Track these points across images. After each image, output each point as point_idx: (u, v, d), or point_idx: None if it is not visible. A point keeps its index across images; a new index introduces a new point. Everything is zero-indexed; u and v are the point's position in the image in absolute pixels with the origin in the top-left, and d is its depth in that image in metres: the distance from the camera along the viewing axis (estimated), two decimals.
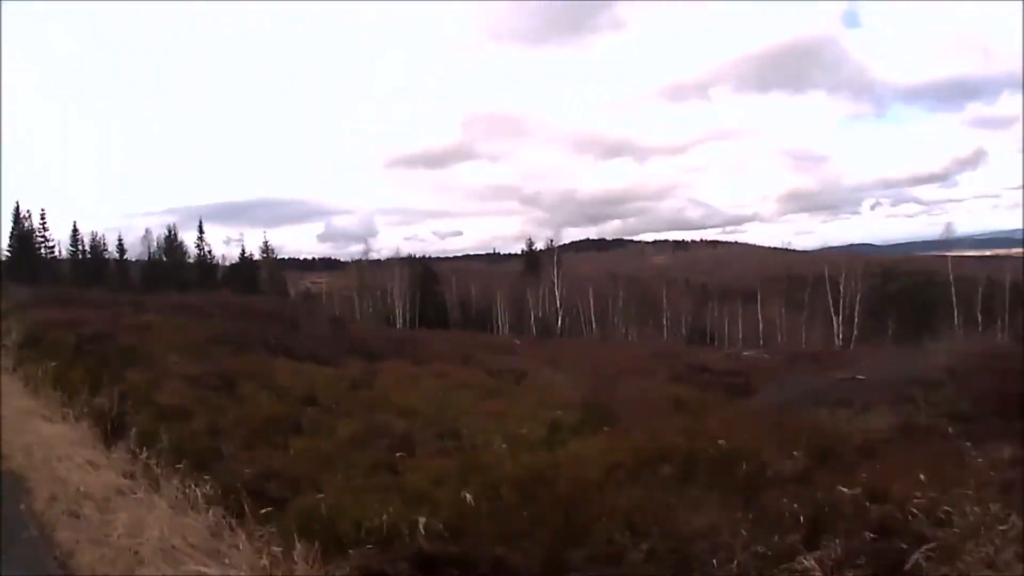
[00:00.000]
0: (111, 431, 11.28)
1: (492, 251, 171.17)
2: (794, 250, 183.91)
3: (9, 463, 9.94)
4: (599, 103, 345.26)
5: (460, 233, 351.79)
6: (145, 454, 9.56)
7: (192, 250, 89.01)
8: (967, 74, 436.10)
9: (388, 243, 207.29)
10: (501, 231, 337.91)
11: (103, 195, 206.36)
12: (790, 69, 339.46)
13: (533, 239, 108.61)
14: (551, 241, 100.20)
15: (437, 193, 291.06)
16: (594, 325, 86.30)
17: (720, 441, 8.95)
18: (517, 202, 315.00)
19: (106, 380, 13.33)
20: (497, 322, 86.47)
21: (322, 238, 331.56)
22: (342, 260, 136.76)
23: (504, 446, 9.94)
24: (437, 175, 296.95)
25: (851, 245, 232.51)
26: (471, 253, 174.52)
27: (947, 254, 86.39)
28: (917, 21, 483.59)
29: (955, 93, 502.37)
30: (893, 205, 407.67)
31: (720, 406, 16.23)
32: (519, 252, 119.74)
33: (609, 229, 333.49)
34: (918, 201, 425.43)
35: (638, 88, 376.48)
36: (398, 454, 9.53)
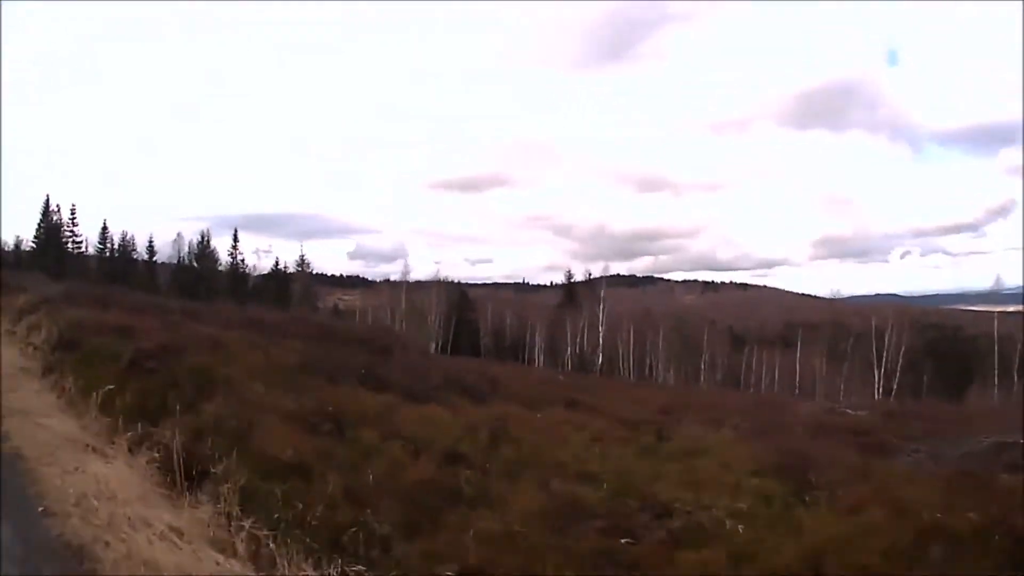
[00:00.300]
0: (185, 478, 8.46)
1: (522, 280, 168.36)
2: (823, 297, 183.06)
3: (63, 524, 6.82)
4: (637, 135, 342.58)
5: (490, 260, 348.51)
6: (249, 521, 6.96)
7: (224, 258, 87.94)
8: (1004, 119, 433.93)
9: (417, 266, 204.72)
10: (531, 261, 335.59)
11: (133, 196, 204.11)
12: (831, 107, 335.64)
13: (572, 271, 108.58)
14: (590, 274, 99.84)
15: (470, 218, 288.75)
16: (632, 364, 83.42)
17: (970, 514, 7.73)
18: (550, 232, 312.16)
19: (174, 408, 10.36)
20: (531, 353, 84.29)
21: (352, 256, 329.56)
22: (370, 279, 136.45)
23: (740, 527, 8.34)
24: (471, 200, 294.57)
25: (878, 295, 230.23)
26: (500, 281, 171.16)
27: (986, 308, 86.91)
28: (957, 61, 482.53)
29: (990, 138, 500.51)
30: (922, 255, 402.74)
31: (886, 469, 13.74)
32: (549, 283, 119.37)
33: (639, 265, 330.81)
34: (946, 252, 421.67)
35: (676, 121, 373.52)
36: (623, 540, 7.45)
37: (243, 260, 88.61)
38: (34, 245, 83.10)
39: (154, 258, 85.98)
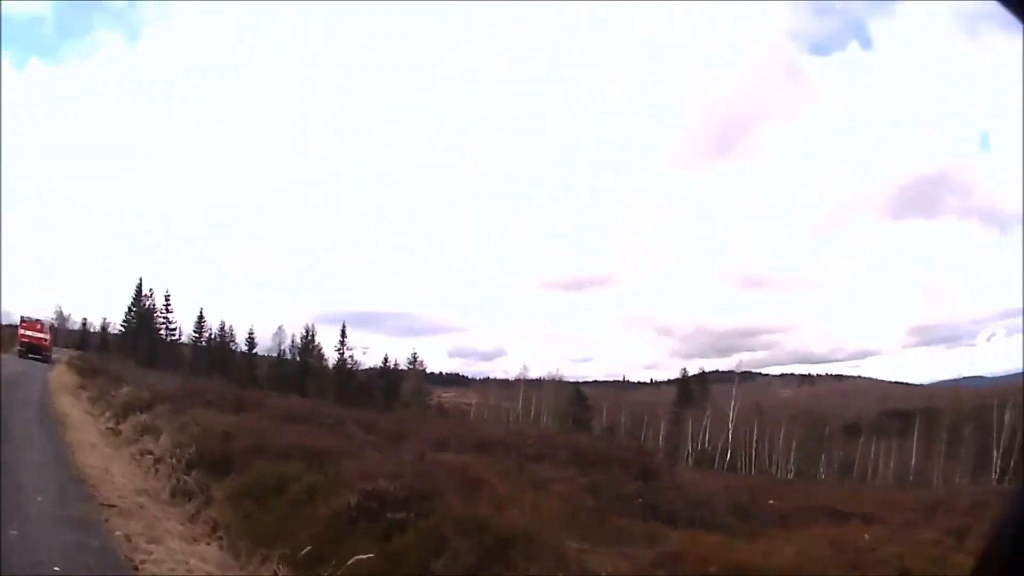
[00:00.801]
0: None
1: (622, 378, 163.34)
2: (915, 384, 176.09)
3: None
4: (739, 232, 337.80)
5: (591, 359, 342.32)
6: None
7: (330, 353, 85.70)
8: None
9: (517, 364, 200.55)
10: (631, 358, 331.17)
11: (227, 288, 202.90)
12: (927, 196, 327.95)
13: (687, 369, 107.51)
14: (703, 370, 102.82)
15: (572, 318, 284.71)
16: (754, 460, 79.11)
17: None
18: (653, 331, 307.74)
19: None
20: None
21: (452, 354, 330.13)
22: (469, 376, 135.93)
23: None
24: (574, 299, 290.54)
25: (963, 378, 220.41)
26: (600, 379, 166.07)
27: None
28: None
29: None
30: (1008, 335, 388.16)
31: None
32: (649, 381, 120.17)
33: (734, 361, 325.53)
34: None
35: (776, 217, 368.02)
36: None
37: (351, 356, 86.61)
38: (123, 329, 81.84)
39: (254, 350, 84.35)
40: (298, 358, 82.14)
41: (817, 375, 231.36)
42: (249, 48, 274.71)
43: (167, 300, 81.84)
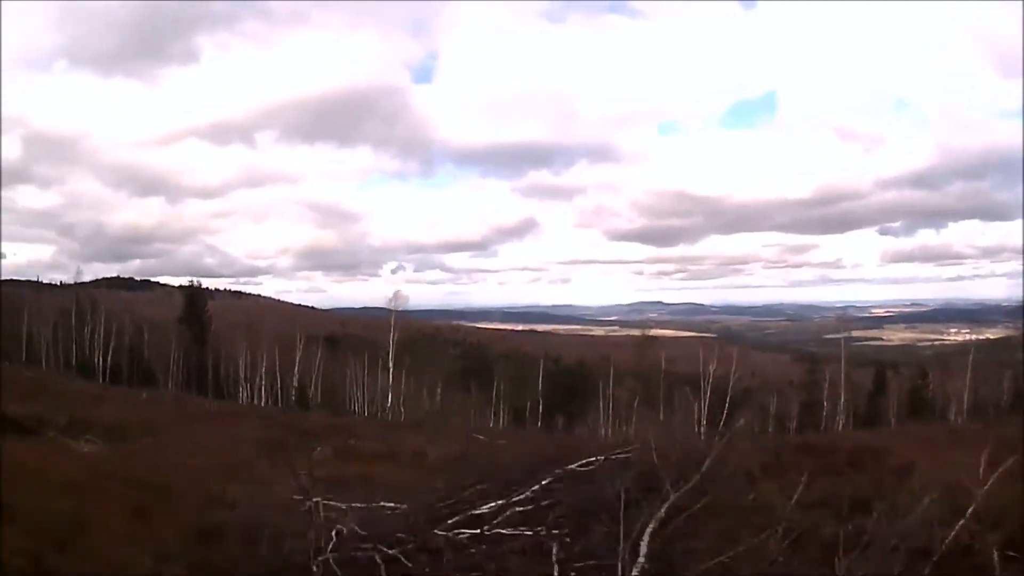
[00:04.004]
0: None
1: (36, 279, 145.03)
2: (317, 308, 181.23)
3: None
4: (149, 137, 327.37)
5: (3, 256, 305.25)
6: None
7: None
8: (537, 139, 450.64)
9: None
10: (38, 257, 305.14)
11: None
12: (341, 120, 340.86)
13: (199, 281, 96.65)
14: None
15: None
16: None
17: None
18: (55, 231, 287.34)
19: None
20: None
21: None
22: None
23: None
24: None
25: (366, 308, 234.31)
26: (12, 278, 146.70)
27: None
28: (496, 80, 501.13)
29: (517, 158, 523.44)
30: (417, 270, 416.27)
31: None
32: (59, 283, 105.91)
33: (132, 268, 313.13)
34: (444, 268, 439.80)
35: (191, 125, 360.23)
36: None
37: None
38: None
39: None
40: None
41: (216, 289, 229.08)
42: None
43: None
